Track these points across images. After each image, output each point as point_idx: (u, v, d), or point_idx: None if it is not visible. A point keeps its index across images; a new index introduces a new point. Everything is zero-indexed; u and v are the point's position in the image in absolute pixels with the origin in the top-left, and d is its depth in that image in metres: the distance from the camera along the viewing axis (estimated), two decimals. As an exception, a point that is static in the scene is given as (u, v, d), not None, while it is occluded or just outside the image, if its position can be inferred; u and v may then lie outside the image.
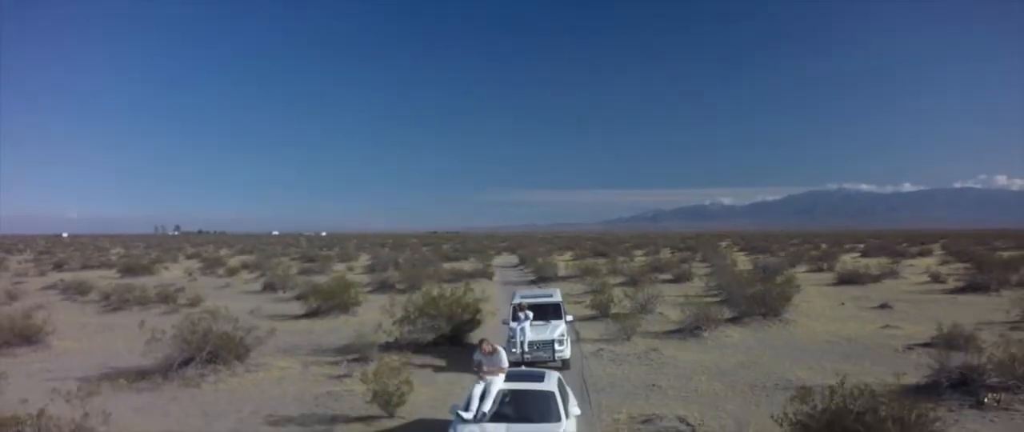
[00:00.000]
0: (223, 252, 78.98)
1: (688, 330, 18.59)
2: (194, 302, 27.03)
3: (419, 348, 16.50)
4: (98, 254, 72.89)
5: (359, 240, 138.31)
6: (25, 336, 17.75)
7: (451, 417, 8.70)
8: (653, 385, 12.93)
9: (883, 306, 24.18)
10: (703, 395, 12.18)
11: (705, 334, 18.19)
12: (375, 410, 11.04)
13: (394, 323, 17.08)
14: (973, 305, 24.75)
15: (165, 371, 13.71)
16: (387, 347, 16.27)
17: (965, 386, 11.68)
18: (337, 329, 20.71)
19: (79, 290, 31.10)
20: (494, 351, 9.53)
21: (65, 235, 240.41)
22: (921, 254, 62.65)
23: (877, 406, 8.42)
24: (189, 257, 70.66)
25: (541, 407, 8.56)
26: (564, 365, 14.08)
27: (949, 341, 14.93)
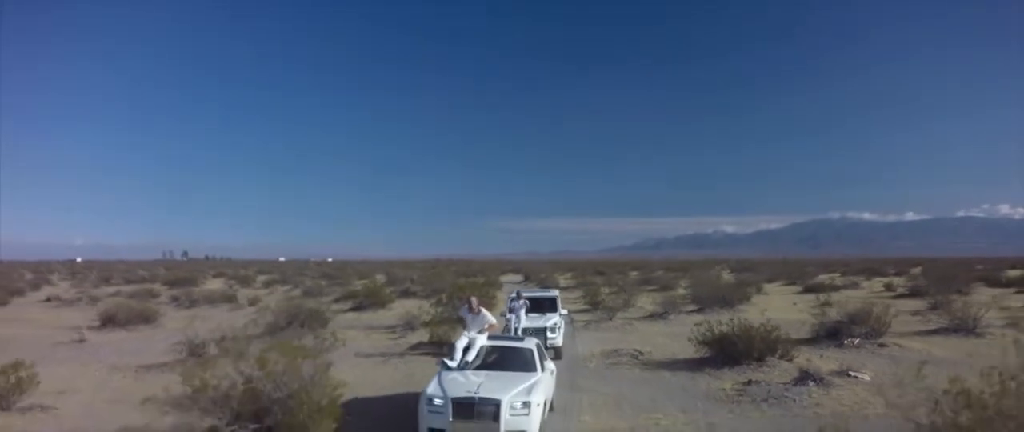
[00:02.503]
0: (245, 272, 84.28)
1: (658, 315, 23.82)
2: (253, 302, 32.25)
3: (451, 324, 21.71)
4: (128, 273, 78.19)
5: (368, 265, 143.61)
6: (145, 317, 23.06)
7: (437, 367, 9.80)
8: (622, 339, 18.18)
9: (825, 303, 29.21)
10: (656, 344, 17.42)
11: (670, 317, 23.42)
12: (432, 349, 16.28)
13: (432, 305, 22.31)
14: (904, 303, 29.82)
15: (272, 333, 18.91)
16: (425, 324, 21.48)
17: (836, 336, 16.90)
18: (379, 318, 25.86)
19: (149, 294, 36.32)
20: (480, 311, 10.46)
21: (78, 260, 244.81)
22: (898, 274, 67.60)
23: (750, 329, 13.69)
24: (215, 276, 75.90)
25: (520, 360, 9.58)
26: (556, 354, 14.87)
27: (851, 317, 20.07)
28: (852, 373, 12.40)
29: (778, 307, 28.60)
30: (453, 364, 9.50)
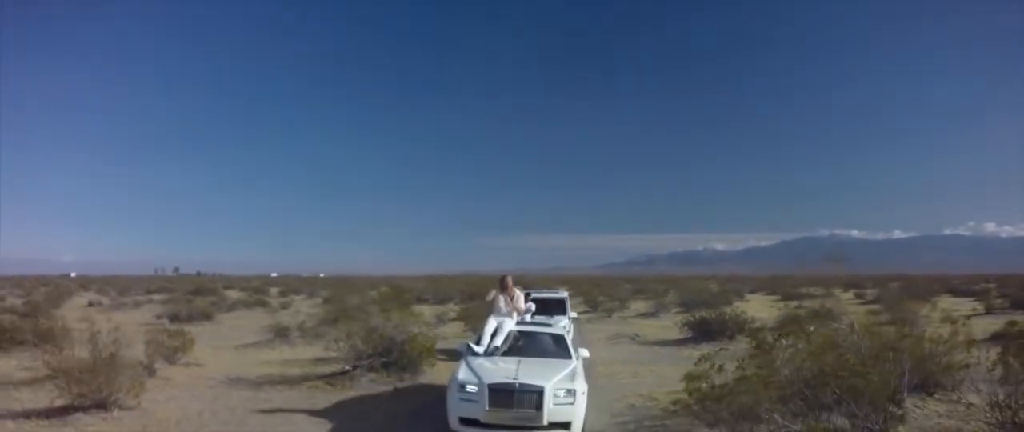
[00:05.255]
0: (248, 285, 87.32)
1: (649, 314, 27.64)
2: (285, 306, 35.73)
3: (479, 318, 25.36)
4: (141, 285, 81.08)
5: (366, 280, 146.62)
6: (206, 315, 26.51)
7: (461, 350, 9.36)
8: (621, 329, 21.97)
9: (798, 307, 33.13)
10: (649, 331, 21.24)
11: (661, 315, 27.23)
12: (468, 336, 19.93)
13: (455, 304, 25.99)
14: (867, 307, 33.81)
15: (329, 323, 22.47)
16: (457, 317, 25.13)
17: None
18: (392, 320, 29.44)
19: (186, 300, 39.61)
20: (514, 293, 9.99)
21: (73, 274, 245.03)
22: (874, 286, 71.93)
23: (724, 314, 17.49)
24: (226, 288, 78.97)
25: (552, 347, 9.29)
26: None
27: (810, 312, 23.93)
28: (799, 345, 16.20)
29: (756, 309, 32.41)
30: (480, 349, 9.02)
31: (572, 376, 7.95)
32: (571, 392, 7.52)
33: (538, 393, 7.32)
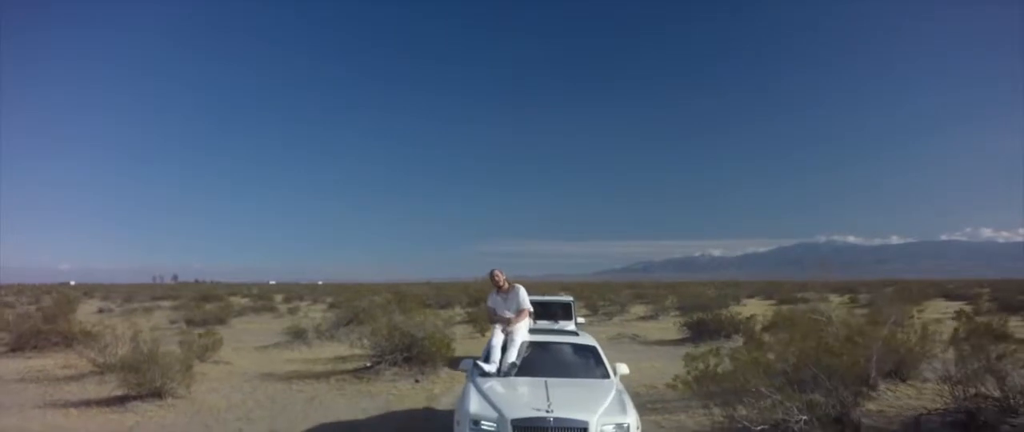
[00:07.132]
0: (249, 292, 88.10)
1: (649, 317, 28.62)
2: (292, 311, 36.61)
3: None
4: (146, 293, 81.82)
5: (366, 286, 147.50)
6: (219, 319, 27.41)
7: (465, 368, 7.36)
8: (622, 331, 22.95)
9: (790, 310, 34.13)
10: (649, 333, 22.22)
11: (660, 318, 28.22)
12: (477, 339, 20.88)
13: (461, 308, 26.93)
14: (860, 310, 34.85)
15: (342, 325, 23.39)
16: (464, 320, 26.07)
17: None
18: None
19: (196, 306, 40.41)
20: (513, 289, 7.98)
21: (72, 282, 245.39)
22: (870, 291, 73.09)
23: (721, 316, 18.47)
24: (230, 294, 79.76)
25: (584, 361, 7.33)
26: None
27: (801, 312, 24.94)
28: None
29: (752, 311, 33.46)
30: (491, 368, 7.12)
31: (620, 404, 5.99)
32: (623, 428, 5.63)
33: (581, 430, 5.52)
